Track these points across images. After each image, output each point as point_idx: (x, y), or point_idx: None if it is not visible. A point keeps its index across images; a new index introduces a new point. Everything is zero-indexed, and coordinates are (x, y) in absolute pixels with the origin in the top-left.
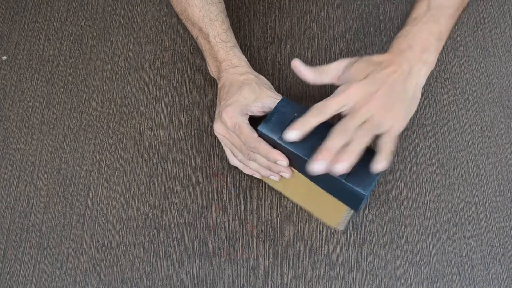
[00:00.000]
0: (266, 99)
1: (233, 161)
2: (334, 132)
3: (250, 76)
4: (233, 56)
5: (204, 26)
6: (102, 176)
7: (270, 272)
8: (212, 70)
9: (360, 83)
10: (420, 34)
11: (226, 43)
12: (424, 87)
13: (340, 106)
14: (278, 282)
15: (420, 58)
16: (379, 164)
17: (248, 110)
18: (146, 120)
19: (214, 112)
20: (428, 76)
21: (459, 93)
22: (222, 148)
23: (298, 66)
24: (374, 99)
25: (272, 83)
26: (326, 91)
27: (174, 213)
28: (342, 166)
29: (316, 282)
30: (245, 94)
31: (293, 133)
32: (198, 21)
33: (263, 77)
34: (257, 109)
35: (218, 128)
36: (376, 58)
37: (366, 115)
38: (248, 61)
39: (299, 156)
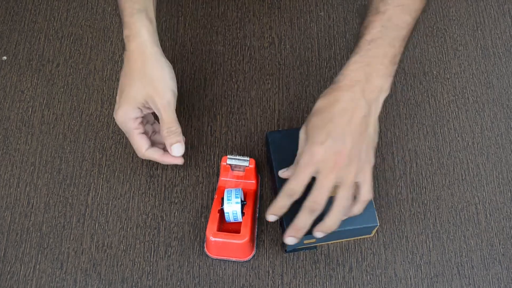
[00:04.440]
0: (156, 96)
1: None
2: (303, 209)
3: (144, 56)
4: (135, 23)
5: None
6: (102, 176)
7: (270, 272)
8: (123, 32)
9: (323, 146)
10: (376, 60)
11: (134, 4)
12: (424, 87)
13: (307, 179)
14: (278, 282)
15: (376, 86)
16: (356, 209)
17: (139, 110)
18: None
19: (214, 112)
20: (428, 76)
21: (459, 93)
22: (222, 148)
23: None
24: (341, 158)
25: (272, 83)
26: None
27: (174, 213)
28: (319, 235)
29: (316, 282)
30: (135, 89)
31: (271, 217)
32: None
33: (163, 57)
34: (148, 111)
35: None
36: (332, 105)
37: (336, 180)
38: (248, 61)
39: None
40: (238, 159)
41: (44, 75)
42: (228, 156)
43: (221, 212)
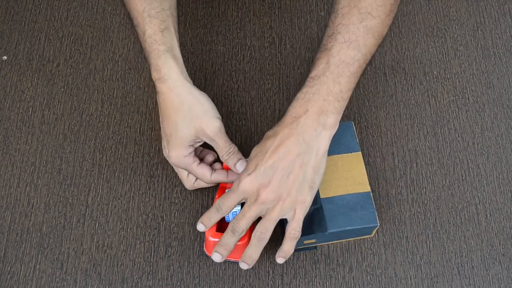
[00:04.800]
0: (206, 129)
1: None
2: (228, 229)
3: (180, 97)
4: (163, 64)
5: (142, 22)
6: (102, 176)
7: (270, 272)
8: (151, 74)
9: (249, 177)
10: (318, 96)
11: (159, 46)
12: (424, 87)
13: (235, 202)
14: (278, 282)
15: (318, 123)
16: (280, 253)
17: (191, 146)
18: (147, 120)
19: None
20: (428, 76)
21: (460, 93)
22: None
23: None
24: (265, 192)
25: (272, 83)
26: None
27: (175, 213)
28: (241, 265)
29: (316, 282)
30: (182, 130)
31: (201, 226)
32: (137, 16)
33: (196, 90)
34: (200, 144)
35: (166, 156)
36: (269, 139)
37: (259, 211)
38: (249, 61)
39: None
40: None
41: (44, 75)
42: None
43: None
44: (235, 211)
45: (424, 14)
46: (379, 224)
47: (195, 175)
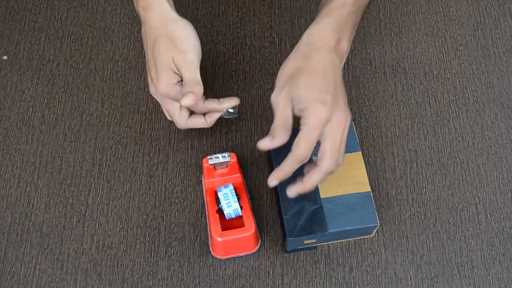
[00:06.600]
0: (179, 56)
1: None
2: (288, 160)
3: (166, 23)
4: None
5: None
6: (102, 176)
7: (270, 272)
8: (136, 4)
9: (327, 107)
10: (347, 25)
11: None
12: (424, 87)
13: (315, 141)
14: (278, 282)
15: (344, 51)
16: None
17: (177, 75)
18: (147, 120)
19: None
20: (428, 76)
21: (460, 93)
22: (223, 148)
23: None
24: (342, 118)
25: (272, 83)
26: None
27: (175, 213)
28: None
29: (316, 282)
30: (166, 55)
31: (274, 182)
32: None
33: (182, 19)
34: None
35: (154, 94)
36: (316, 62)
37: (342, 137)
38: (249, 60)
39: None
40: (219, 157)
41: (44, 75)
42: (209, 157)
43: (220, 211)
44: (236, 209)
45: (424, 14)
46: (379, 224)
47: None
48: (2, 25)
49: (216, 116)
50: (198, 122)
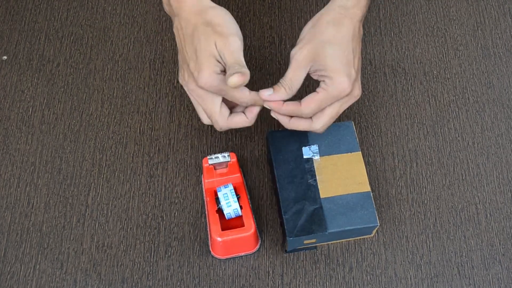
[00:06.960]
0: (231, 44)
1: (205, 121)
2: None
3: (201, 9)
4: None
5: None
6: (102, 176)
7: (270, 272)
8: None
9: (349, 80)
10: (361, 8)
11: None
12: (424, 87)
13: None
14: (278, 282)
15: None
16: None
17: (220, 64)
18: (147, 120)
19: None
20: (428, 76)
21: (460, 93)
22: (223, 148)
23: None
24: (356, 91)
25: (272, 83)
26: None
27: (175, 213)
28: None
29: (316, 282)
30: (207, 43)
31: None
32: None
33: (216, 5)
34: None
35: (192, 91)
36: (348, 31)
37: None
38: (249, 61)
39: None
40: (219, 157)
41: (44, 75)
42: (208, 157)
43: (220, 211)
44: (236, 209)
45: (424, 14)
46: (379, 224)
47: (232, 96)
48: (2, 25)
49: (256, 111)
50: (240, 120)
